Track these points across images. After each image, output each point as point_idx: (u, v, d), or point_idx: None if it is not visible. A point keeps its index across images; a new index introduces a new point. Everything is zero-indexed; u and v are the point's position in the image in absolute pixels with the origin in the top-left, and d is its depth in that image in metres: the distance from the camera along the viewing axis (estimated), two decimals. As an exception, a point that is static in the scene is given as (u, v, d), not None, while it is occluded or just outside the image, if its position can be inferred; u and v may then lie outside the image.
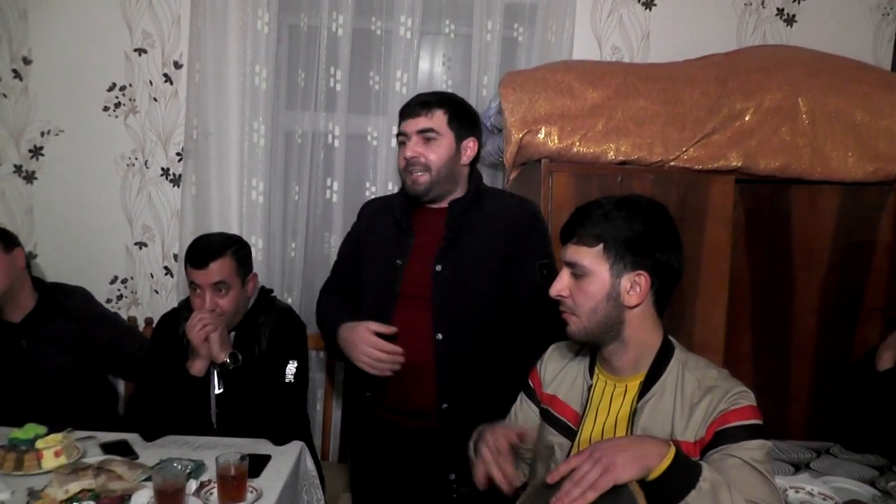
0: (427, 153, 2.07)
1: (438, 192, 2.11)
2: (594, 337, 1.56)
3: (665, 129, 2.34)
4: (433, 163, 2.07)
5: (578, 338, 1.58)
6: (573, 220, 1.57)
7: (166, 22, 2.93)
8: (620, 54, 3.00)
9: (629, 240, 1.49)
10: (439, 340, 2.03)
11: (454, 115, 2.11)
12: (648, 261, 1.50)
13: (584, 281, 1.52)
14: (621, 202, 1.54)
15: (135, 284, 3.06)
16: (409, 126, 2.10)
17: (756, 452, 1.38)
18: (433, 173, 2.08)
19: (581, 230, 1.53)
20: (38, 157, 2.95)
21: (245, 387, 2.17)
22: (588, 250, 1.51)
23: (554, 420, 1.66)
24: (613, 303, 1.51)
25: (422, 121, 2.08)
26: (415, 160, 2.07)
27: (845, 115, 2.40)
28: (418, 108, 2.10)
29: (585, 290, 1.52)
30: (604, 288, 1.51)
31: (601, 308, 1.51)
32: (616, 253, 1.50)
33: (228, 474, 1.75)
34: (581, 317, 1.54)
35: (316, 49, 2.86)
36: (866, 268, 2.49)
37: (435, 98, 2.12)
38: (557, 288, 1.56)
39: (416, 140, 2.08)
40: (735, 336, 2.48)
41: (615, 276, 1.50)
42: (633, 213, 1.51)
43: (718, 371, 1.53)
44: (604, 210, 1.52)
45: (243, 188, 2.87)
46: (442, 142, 2.08)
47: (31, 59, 2.91)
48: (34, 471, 1.90)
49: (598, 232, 1.51)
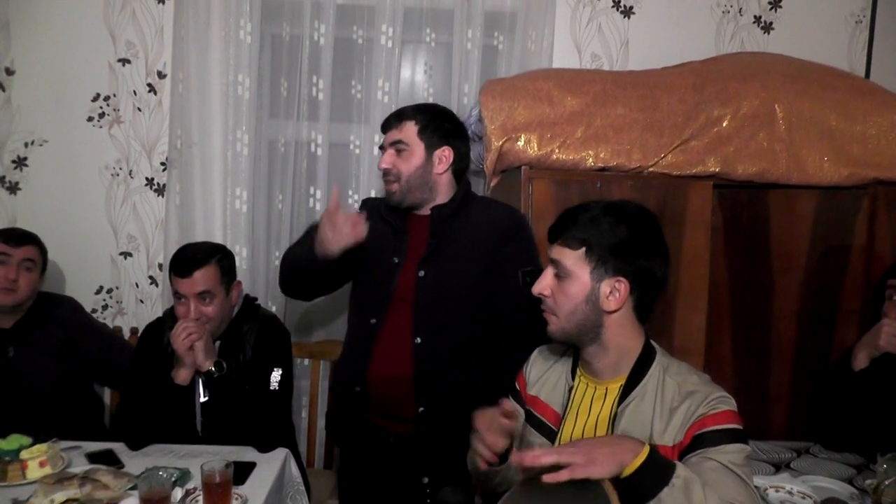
0: (398, 164, 2.13)
1: (412, 200, 2.15)
2: (572, 338, 1.58)
3: (643, 136, 2.37)
4: (402, 172, 2.12)
5: (557, 338, 1.60)
6: (560, 221, 1.58)
7: (149, 32, 2.94)
8: (600, 62, 3.03)
9: (612, 245, 1.50)
10: (418, 344, 2.05)
11: (426, 126, 2.14)
12: (630, 267, 1.51)
13: (566, 282, 1.54)
14: (609, 207, 1.55)
15: (120, 294, 3.06)
16: (386, 138, 2.18)
17: (734, 456, 1.39)
18: (402, 183, 2.12)
19: (566, 232, 1.55)
20: (21, 167, 2.96)
21: (230, 395, 2.18)
22: (571, 252, 1.53)
23: (536, 421, 1.68)
24: (592, 306, 1.53)
25: (393, 133, 2.15)
26: (387, 170, 2.14)
27: (821, 121, 2.45)
28: (393, 119, 2.17)
29: (566, 291, 1.54)
30: (583, 290, 1.52)
31: (580, 310, 1.53)
32: (598, 257, 1.51)
33: (213, 482, 1.75)
34: (560, 317, 1.56)
35: (298, 58, 2.88)
36: (843, 270, 2.53)
37: (410, 109, 2.18)
38: (540, 286, 1.58)
39: (390, 151, 2.15)
40: (715, 339, 2.51)
41: (595, 280, 1.52)
42: (620, 220, 1.52)
43: (699, 376, 1.54)
44: (591, 214, 1.54)
45: (227, 197, 2.88)
46: (412, 152, 2.13)
47: (13, 70, 2.91)
48: (18, 481, 1.90)
49: (583, 235, 1.52)
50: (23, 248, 2.47)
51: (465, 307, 2.09)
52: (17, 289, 2.44)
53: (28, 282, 2.48)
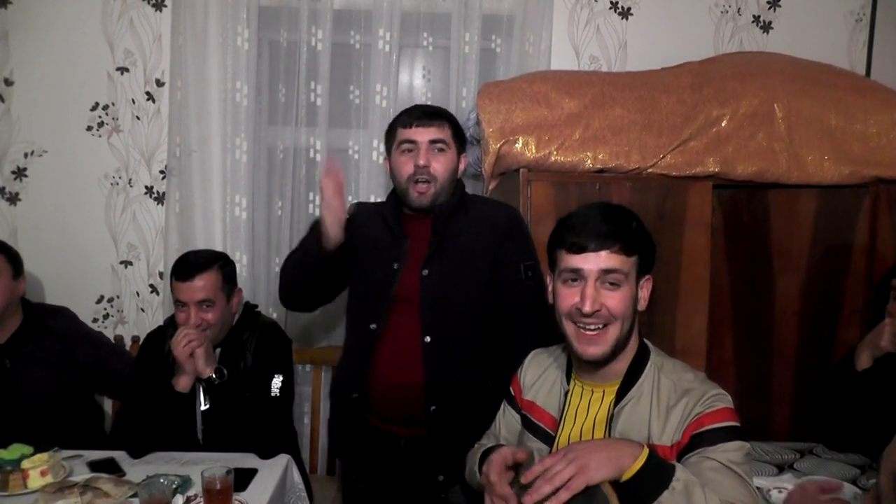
0: (436, 164, 2.09)
1: (440, 202, 2.12)
2: (620, 347, 1.53)
3: (642, 137, 2.36)
4: (440, 174, 2.09)
5: (605, 354, 1.52)
6: (607, 228, 1.51)
7: (147, 40, 2.95)
8: (598, 64, 3.03)
9: (649, 248, 1.56)
10: (427, 343, 2.05)
11: (456, 131, 2.16)
12: (651, 265, 1.57)
13: (620, 290, 1.50)
14: (626, 209, 1.59)
15: (121, 303, 3.06)
16: (421, 134, 2.09)
17: (733, 454, 1.39)
18: (437, 185, 2.10)
19: (621, 240, 1.49)
20: (21, 178, 2.96)
21: (231, 402, 2.18)
22: (627, 259, 1.50)
23: (533, 426, 1.67)
24: (633, 309, 1.53)
25: (434, 131, 2.10)
26: (425, 169, 2.08)
27: (821, 119, 2.44)
28: (430, 118, 2.11)
29: (621, 298, 1.50)
30: (631, 295, 1.52)
31: (628, 316, 1.52)
32: (640, 265, 1.54)
33: (214, 488, 1.76)
34: (618, 325, 1.51)
35: (296, 64, 2.88)
36: (844, 270, 2.51)
37: (442, 111, 2.17)
38: (592, 303, 1.48)
39: (428, 148, 2.09)
40: (717, 340, 2.50)
41: (636, 283, 1.53)
42: (639, 221, 1.57)
43: (695, 374, 1.54)
44: (637, 221, 1.55)
45: (227, 204, 2.89)
46: (449, 154, 2.12)
47: (12, 81, 2.92)
48: (20, 490, 1.90)
49: (635, 241, 1.52)
50: None
51: (471, 303, 2.10)
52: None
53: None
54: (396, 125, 2.16)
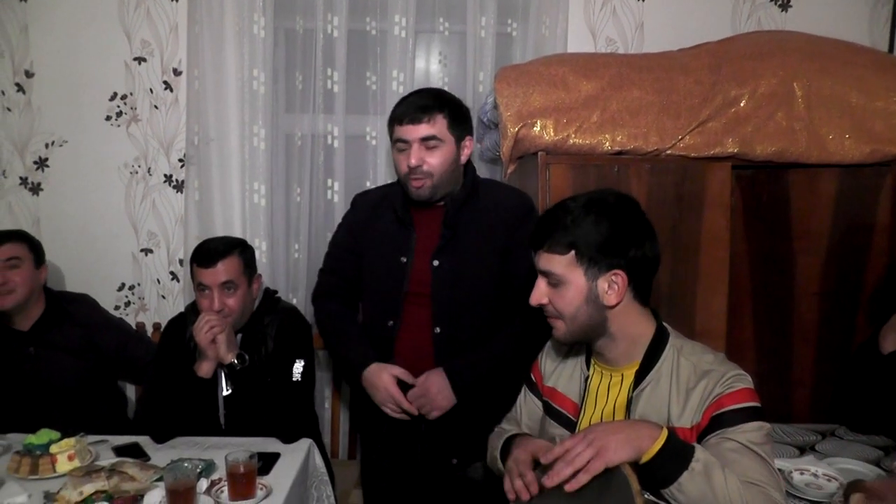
0: (430, 160, 2.06)
1: (441, 195, 2.12)
2: (581, 338, 1.58)
3: (660, 119, 2.34)
4: (436, 169, 2.07)
5: (566, 341, 1.60)
6: (542, 227, 1.55)
7: (164, 30, 2.96)
8: (615, 46, 3.01)
9: (600, 244, 1.49)
10: (437, 334, 2.06)
11: (454, 119, 2.10)
12: (622, 260, 1.50)
13: (561, 289, 1.52)
14: (589, 205, 1.52)
15: (142, 291, 3.09)
16: (410, 133, 2.07)
17: (753, 434, 1.39)
18: (435, 178, 2.08)
19: (550, 239, 1.52)
20: (43, 168, 2.99)
21: (253, 387, 2.20)
22: (560, 258, 1.51)
23: (555, 412, 1.68)
24: (593, 305, 1.52)
25: (423, 128, 2.06)
26: (418, 168, 2.06)
27: (841, 97, 2.40)
28: (419, 114, 2.06)
29: (564, 296, 1.52)
30: (581, 293, 1.51)
31: (582, 312, 1.52)
32: (589, 258, 1.50)
33: (238, 472, 1.78)
34: (564, 321, 1.55)
35: (312, 51, 2.89)
36: (866, 250, 2.48)
37: (434, 102, 2.09)
38: (536, 297, 1.56)
39: (419, 147, 2.06)
40: (737, 322, 2.48)
41: (591, 280, 1.51)
42: (601, 215, 1.50)
43: (714, 355, 1.54)
44: (572, 216, 1.51)
45: (245, 192, 2.90)
46: (443, 148, 2.08)
47: (33, 73, 2.95)
48: (49, 474, 1.93)
49: (569, 239, 1.50)
50: (2, 248, 2.46)
51: (482, 293, 2.10)
52: (13, 289, 2.44)
53: (21, 279, 2.46)
54: (392, 119, 2.13)
